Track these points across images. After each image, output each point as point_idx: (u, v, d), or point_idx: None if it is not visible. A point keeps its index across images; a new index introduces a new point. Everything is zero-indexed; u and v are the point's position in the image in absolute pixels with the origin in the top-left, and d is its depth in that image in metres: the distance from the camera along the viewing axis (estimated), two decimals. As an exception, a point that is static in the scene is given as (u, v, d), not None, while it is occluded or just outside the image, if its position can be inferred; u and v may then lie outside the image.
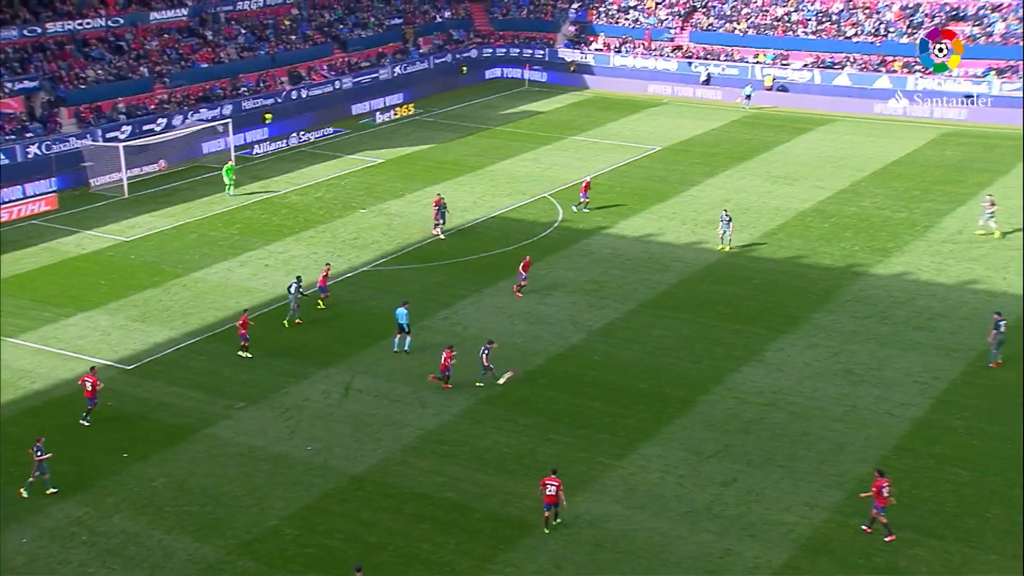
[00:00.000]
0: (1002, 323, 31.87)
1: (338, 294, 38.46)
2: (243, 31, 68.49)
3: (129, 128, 55.91)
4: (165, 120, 57.74)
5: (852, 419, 29.35)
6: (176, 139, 55.84)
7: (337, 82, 68.93)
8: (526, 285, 38.07)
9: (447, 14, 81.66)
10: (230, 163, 52.42)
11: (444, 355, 31.27)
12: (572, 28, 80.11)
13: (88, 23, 61.14)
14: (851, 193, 49.61)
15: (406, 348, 33.50)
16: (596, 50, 77.24)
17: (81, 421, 29.59)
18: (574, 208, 47.25)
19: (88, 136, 54.36)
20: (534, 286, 38.77)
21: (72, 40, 59.95)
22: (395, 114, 67.38)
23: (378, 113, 66.80)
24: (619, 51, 76.53)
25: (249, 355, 33.37)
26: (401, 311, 33.60)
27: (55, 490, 26.35)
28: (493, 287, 39.00)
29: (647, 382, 31.74)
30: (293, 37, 70.53)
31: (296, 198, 50.79)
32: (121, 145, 52.12)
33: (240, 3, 69.73)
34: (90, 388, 29.44)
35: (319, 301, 37.17)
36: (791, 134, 61.16)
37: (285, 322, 35.80)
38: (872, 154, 56.34)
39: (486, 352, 31.24)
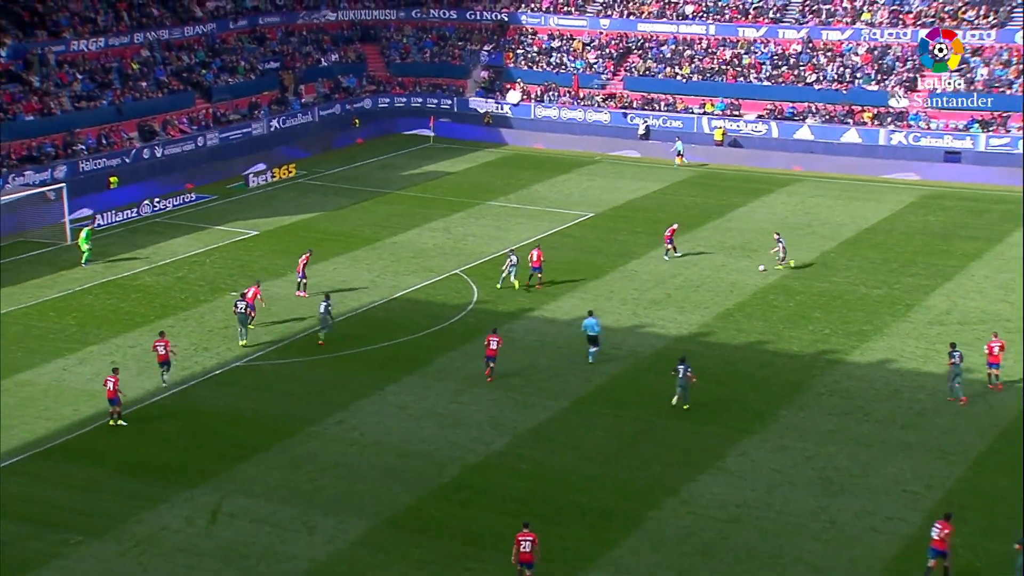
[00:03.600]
0: (956, 354, 36.63)
1: (203, 395, 38.06)
2: (80, 76, 68.14)
3: (-67, 195, 55.11)
4: (-21, 185, 57.10)
5: (832, 537, 29.75)
6: (-5, 207, 55.07)
7: (200, 138, 68.97)
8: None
9: (334, 57, 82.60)
10: (89, 227, 53.46)
11: (494, 342, 38.11)
12: (485, 74, 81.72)
13: None
14: (820, 266, 51.00)
15: (590, 360, 39.68)
16: (515, 100, 78.78)
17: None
18: (666, 257, 51.63)
19: None
20: (445, 381, 38.88)
21: None
22: (273, 176, 67.54)
23: (252, 175, 66.87)
24: (542, 100, 78.23)
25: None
26: (591, 321, 39.94)
27: None
28: (397, 383, 38.90)
29: (585, 495, 31.80)
30: (144, 84, 70.49)
31: (151, 279, 50.29)
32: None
33: (75, 43, 69.49)
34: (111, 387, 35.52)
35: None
36: (747, 196, 62.86)
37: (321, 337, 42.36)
38: (843, 220, 58.15)
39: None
